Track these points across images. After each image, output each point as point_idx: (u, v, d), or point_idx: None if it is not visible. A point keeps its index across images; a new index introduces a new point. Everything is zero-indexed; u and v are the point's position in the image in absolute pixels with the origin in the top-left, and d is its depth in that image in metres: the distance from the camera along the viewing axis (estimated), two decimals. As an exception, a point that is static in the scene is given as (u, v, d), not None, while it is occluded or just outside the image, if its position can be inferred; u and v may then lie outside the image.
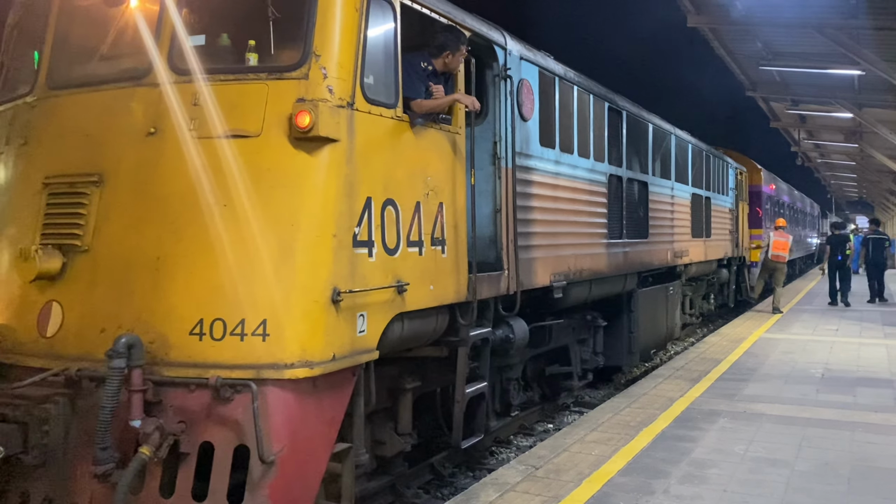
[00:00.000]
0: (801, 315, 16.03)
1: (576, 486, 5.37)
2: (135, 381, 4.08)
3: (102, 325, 4.40)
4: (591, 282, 8.25)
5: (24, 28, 5.58)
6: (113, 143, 4.64)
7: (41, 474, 4.36)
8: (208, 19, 4.93)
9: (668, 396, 8.14)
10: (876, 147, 26.08)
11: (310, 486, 4.36)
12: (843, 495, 5.23)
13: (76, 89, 4.95)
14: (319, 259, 4.32)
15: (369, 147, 4.70)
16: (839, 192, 58.55)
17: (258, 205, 4.33)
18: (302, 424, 4.27)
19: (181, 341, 4.23)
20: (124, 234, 4.48)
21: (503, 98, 6.34)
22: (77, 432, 4.33)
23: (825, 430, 6.88)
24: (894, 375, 9.39)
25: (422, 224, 5.17)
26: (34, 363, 4.50)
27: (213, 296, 4.26)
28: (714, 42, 15.98)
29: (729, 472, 5.70)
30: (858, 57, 13.92)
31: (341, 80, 4.50)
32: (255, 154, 4.39)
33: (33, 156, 4.96)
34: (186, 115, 4.48)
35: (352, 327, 4.50)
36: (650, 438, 6.55)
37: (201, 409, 4.15)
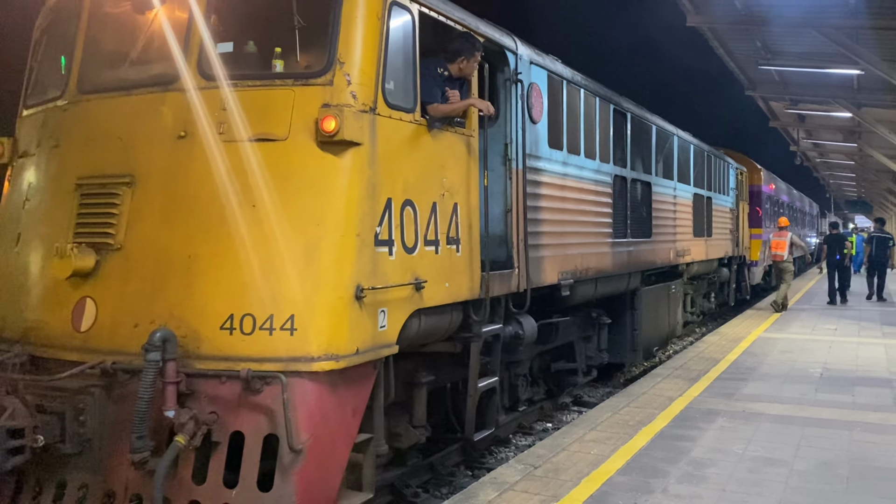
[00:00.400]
0: (799, 314, 16.17)
1: (574, 486, 5.41)
2: (169, 374, 4.30)
3: (136, 321, 4.62)
4: (597, 280, 8.51)
5: (52, 33, 5.80)
6: (144, 145, 4.86)
7: (77, 462, 4.59)
8: (236, 27, 5.16)
9: (666, 396, 8.20)
10: (875, 147, 26.27)
11: (334, 474, 4.60)
12: (842, 494, 5.27)
13: (106, 94, 5.17)
14: (344, 257, 4.55)
15: (390, 150, 4.93)
16: (838, 192, 58.85)
17: (286, 205, 4.56)
18: (327, 415, 4.50)
19: (212, 335, 4.46)
20: (156, 234, 4.71)
21: (514, 101, 6.58)
22: (112, 422, 4.56)
23: (824, 429, 6.92)
24: (893, 375, 9.45)
25: (438, 224, 5.41)
26: (68, 357, 4.71)
27: (243, 292, 4.48)
28: (713, 41, 16.11)
29: (727, 471, 5.74)
30: (857, 56, 14.05)
31: (364, 85, 4.73)
32: (283, 157, 4.62)
33: (65, 157, 5.19)
34: (216, 119, 4.71)
35: (374, 322, 4.74)
36: (649, 438, 6.60)
37: (232, 400, 4.37)
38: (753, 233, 20.16)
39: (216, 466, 4.36)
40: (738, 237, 17.90)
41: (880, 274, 19.32)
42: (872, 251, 19.30)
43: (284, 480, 4.30)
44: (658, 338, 11.55)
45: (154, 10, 5.06)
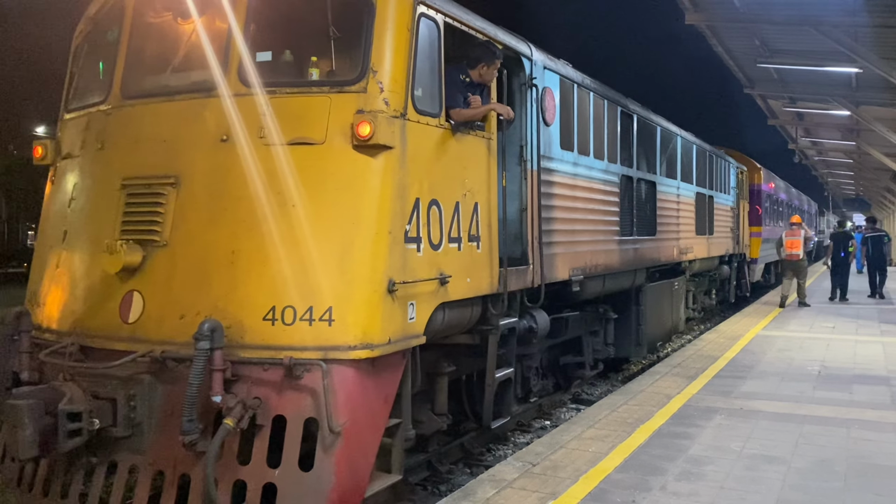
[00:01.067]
0: (798, 312, 16.36)
1: (573, 483, 5.46)
2: (216, 361, 4.65)
3: (182, 312, 4.99)
4: (605, 276, 8.91)
5: (93, 41, 6.16)
6: (188, 148, 5.22)
7: (127, 445, 4.95)
8: (273, 37, 5.53)
9: (665, 393, 8.26)
10: (873, 145, 26.46)
11: (369, 456, 4.97)
12: (840, 492, 5.31)
13: (149, 99, 5.53)
14: (378, 253, 4.92)
15: (418, 153, 5.31)
16: (836, 190, 59.36)
17: (323, 205, 4.94)
18: (362, 400, 4.88)
19: (256, 326, 4.82)
20: (201, 231, 5.07)
21: (529, 105, 6.96)
22: (160, 407, 4.93)
23: (822, 427, 6.97)
24: (890, 373, 9.51)
25: (460, 222, 5.79)
26: (117, 346, 5.07)
27: (284, 286, 4.84)
28: (712, 39, 16.27)
29: (726, 468, 5.78)
30: (856, 54, 14.14)
31: (395, 92, 5.11)
32: (320, 159, 4.99)
33: (110, 159, 5.55)
34: (257, 124, 5.07)
35: (404, 315, 5.11)
36: (647, 435, 6.65)
37: (274, 385, 4.74)
38: (753, 231, 20.65)
39: (260, 448, 4.72)
40: (738, 235, 18.37)
41: (880, 272, 19.72)
42: (869, 251, 19.72)
43: (324, 460, 4.67)
44: (662, 333, 11.96)
45: (195, 20, 5.42)
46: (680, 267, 12.98)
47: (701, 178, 14.37)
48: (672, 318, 12.45)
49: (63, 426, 4.67)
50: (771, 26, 14.85)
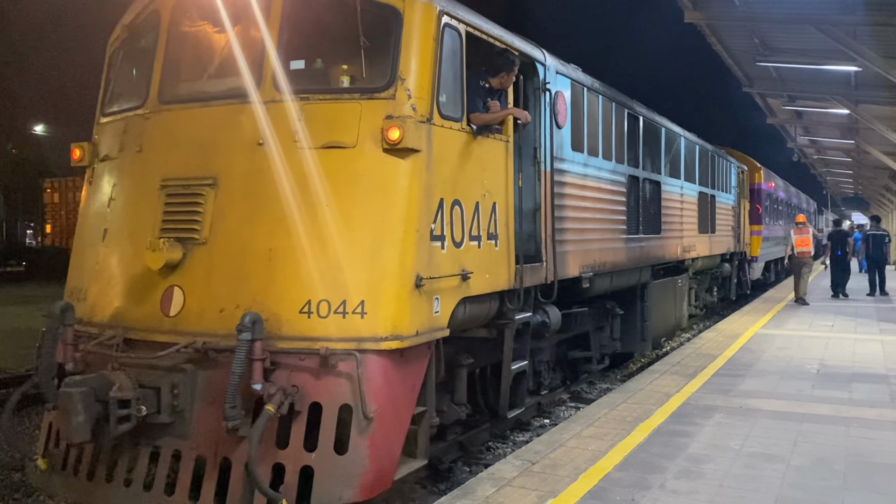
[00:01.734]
0: (797, 311, 16.49)
1: (572, 481, 5.51)
2: (257, 352, 5.01)
3: (221, 306, 5.34)
4: (612, 273, 9.28)
5: (128, 48, 6.51)
6: (225, 151, 5.57)
7: (171, 431, 5.31)
8: (306, 46, 5.88)
9: (664, 392, 8.32)
10: (872, 143, 26.55)
11: (398, 441, 5.33)
12: (839, 490, 5.35)
13: (186, 104, 5.89)
14: (406, 250, 5.28)
15: (442, 155, 5.66)
16: (835, 189, 59.77)
17: (355, 205, 5.29)
18: (392, 388, 5.24)
19: (292, 319, 5.17)
20: (238, 229, 5.42)
21: (543, 108, 7.33)
22: (201, 396, 5.28)
23: (821, 425, 7.02)
24: (889, 371, 9.57)
25: (480, 221, 6.15)
26: (159, 338, 5.43)
27: (319, 281, 5.19)
28: (711, 38, 16.36)
29: (725, 467, 5.83)
30: (855, 53, 14.22)
31: (422, 99, 5.46)
32: (352, 162, 5.34)
33: (149, 161, 5.90)
34: (291, 128, 5.43)
35: (430, 308, 5.47)
36: (646, 434, 6.70)
37: (311, 374, 5.09)
38: (754, 229, 21.11)
39: (298, 432, 5.08)
40: (739, 233, 18.81)
41: (880, 270, 20.08)
42: (870, 249, 20.07)
43: (358, 445, 5.03)
44: (666, 329, 12.36)
45: (230, 29, 5.77)
46: (683, 265, 13.38)
47: (703, 177, 14.78)
48: (675, 315, 12.84)
49: (114, 412, 5.03)
50: (770, 24, 14.96)
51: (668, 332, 12.73)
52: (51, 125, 42.81)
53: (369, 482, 5.05)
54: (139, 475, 5.39)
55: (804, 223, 18.19)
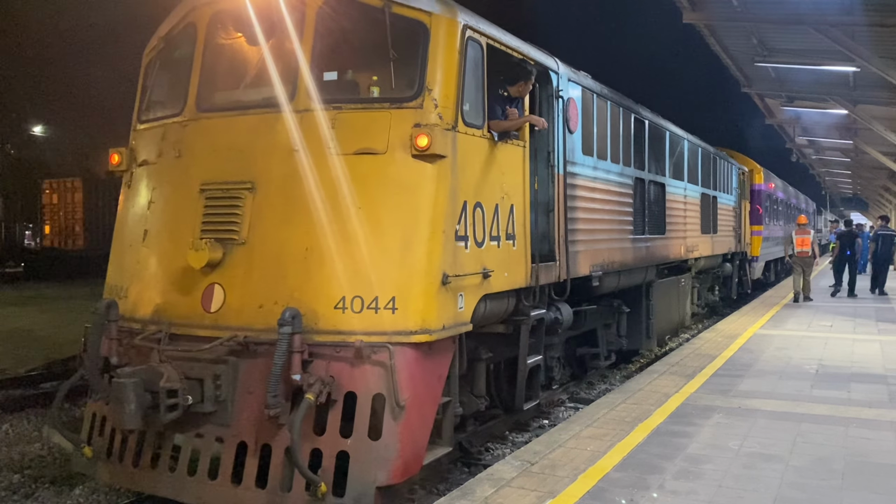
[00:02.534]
0: (796, 311, 16.61)
1: (571, 482, 5.57)
2: (296, 344, 5.43)
3: (260, 302, 5.75)
4: (620, 273, 9.72)
5: (164, 58, 6.92)
6: (262, 157, 5.98)
7: (213, 419, 5.72)
8: (338, 58, 6.30)
9: (663, 392, 8.40)
10: (870, 143, 26.70)
11: (426, 428, 5.76)
12: (837, 490, 5.40)
13: (224, 113, 6.30)
14: (434, 250, 5.70)
15: (466, 160, 6.09)
16: (834, 189, 60.28)
17: (386, 207, 5.71)
18: (421, 379, 5.66)
19: (328, 314, 5.59)
20: (276, 230, 5.84)
21: (556, 114, 7.76)
22: (242, 386, 5.70)
23: (819, 425, 7.08)
24: (888, 371, 9.65)
25: (499, 222, 6.58)
26: (200, 333, 5.84)
27: (353, 278, 5.61)
28: (709, 38, 16.54)
29: (724, 467, 5.89)
30: (853, 53, 14.31)
31: (447, 108, 5.88)
32: (383, 167, 5.76)
33: (188, 166, 6.31)
34: (325, 136, 5.85)
35: (455, 304, 5.89)
36: (645, 434, 6.77)
37: (346, 366, 5.50)
38: (754, 230, 21.63)
39: (334, 420, 5.49)
40: (740, 234, 19.33)
41: (884, 270, 20.43)
42: (878, 248, 20.33)
43: (391, 431, 5.44)
44: (670, 327, 12.82)
45: (265, 42, 6.19)
46: (686, 264, 13.85)
47: (706, 179, 15.26)
48: (679, 313, 13.30)
49: (164, 402, 5.44)
50: (768, 25, 15.09)
51: (672, 329, 13.20)
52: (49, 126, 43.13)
53: (401, 466, 5.47)
54: (183, 461, 5.80)
55: (805, 224, 18.86)
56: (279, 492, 5.45)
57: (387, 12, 5.86)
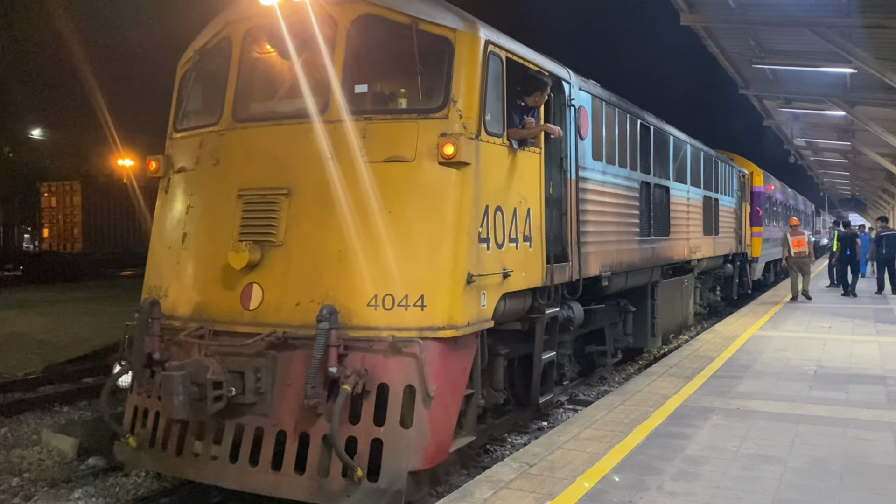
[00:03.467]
0: (794, 312, 16.76)
1: (570, 483, 5.63)
2: (333, 339, 5.90)
3: (297, 300, 6.22)
4: (627, 273, 10.22)
5: (200, 71, 7.39)
6: (298, 164, 6.45)
7: (253, 410, 6.18)
8: (368, 72, 6.78)
9: (661, 394, 8.50)
10: (868, 145, 26.94)
11: (452, 418, 6.23)
12: (835, 491, 5.46)
13: (260, 123, 6.77)
14: (459, 251, 6.17)
15: (487, 167, 6.56)
16: (832, 190, 60.79)
17: (415, 211, 6.18)
18: (448, 371, 6.13)
19: (361, 311, 6.06)
20: (311, 233, 6.30)
21: (568, 122, 8.26)
22: (280, 378, 6.16)
23: (818, 426, 7.17)
24: (886, 372, 9.74)
25: (518, 224, 7.06)
26: (239, 329, 6.31)
27: (384, 278, 6.07)
28: (707, 40, 16.65)
29: (722, 468, 5.95)
30: (850, 55, 14.44)
31: (471, 118, 6.36)
32: (411, 174, 6.24)
33: (226, 173, 6.77)
34: (357, 144, 6.32)
35: (478, 302, 6.37)
36: (644, 435, 6.85)
37: (379, 359, 5.97)
38: (755, 231, 22.22)
39: (368, 409, 5.96)
40: (741, 235, 19.92)
41: (890, 270, 20.88)
42: (883, 249, 20.63)
43: (421, 419, 5.91)
44: (674, 326, 13.33)
45: (299, 57, 6.66)
46: (689, 265, 14.38)
47: (707, 182, 15.81)
48: (683, 313, 13.82)
49: (210, 393, 5.91)
50: (766, 27, 15.25)
51: (676, 328, 13.71)
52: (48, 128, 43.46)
53: (431, 452, 5.95)
54: (225, 449, 6.27)
55: (798, 226, 19.75)
56: (317, 477, 5.91)
57: (414, 29, 6.35)
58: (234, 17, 7.10)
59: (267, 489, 6.09)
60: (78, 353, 14.02)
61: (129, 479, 7.70)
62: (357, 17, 6.50)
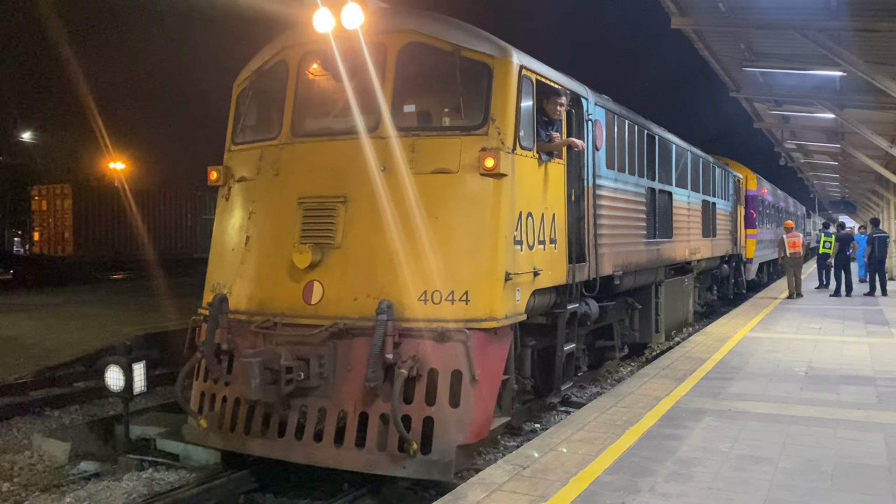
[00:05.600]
0: (785, 314, 17.13)
1: (563, 485, 5.74)
2: (390, 330, 6.88)
3: (355, 296, 7.19)
4: (636, 272, 11.27)
5: (256, 89, 8.36)
6: (353, 175, 7.42)
7: (317, 393, 7.15)
8: (416, 93, 7.78)
9: (653, 395, 8.70)
10: (857, 147, 27.31)
11: (492, 399, 7.22)
12: (826, 492, 5.56)
13: (317, 138, 7.75)
14: (499, 252, 7.16)
15: (521, 177, 7.56)
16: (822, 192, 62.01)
17: (459, 217, 7.17)
18: (489, 358, 7.12)
19: (412, 305, 7.03)
20: (366, 237, 7.27)
21: (586, 135, 9.29)
22: (341, 364, 7.13)
23: (809, 427, 7.32)
24: (877, 373, 9.94)
25: (545, 228, 8.06)
26: (303, 322, 7.27)
27: (432, 275, 7.04)
28: (698, 44, 16.96)
29: (714, 469, 6.07)
30: (839, 58, 14.76)
31: (507, 134, 7.36)
32: (455, 184, 7.22)
33: (287, 182, 7.73)
34: (407, 157, 7.30)
35: (513, 298, 7.37)
36: (636, 437, 7.02)
37: (428, 347, 6.95)
38: (749, 233, 23.47)
39: (420, 391, 6.92)
40: (736, 237, 21.14)
41: (881, 271, 21.83)
42: (875, 250, 21.45)
43: (468, 399, 6.89)
44: (676, 323, 14.41)
45: (351, 79, 7.64)
46: (690, 265, 15.50)
47: (706, 187, 16.98)
48: (683, 310, 14.92)
49: (284, 377, 6.88)
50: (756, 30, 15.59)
51: (678, 325, 14.81)
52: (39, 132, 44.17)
53: (476, 429, 6.94)
54: (291, 427, 7.23)
55: (793, 228, 21.29)
56: (376, 451, 6.88)
57: (456, 56, 7.35)
58: (290, 42, 8.07)
59: (331, 462, 7.06)
60: (69, 357, 13.99)
61: (121, 483, 8.00)
62: (405, 45, 7.49)
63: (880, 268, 21.91)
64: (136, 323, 16.85)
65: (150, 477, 8.16)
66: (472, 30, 7.59)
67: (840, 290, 21.52)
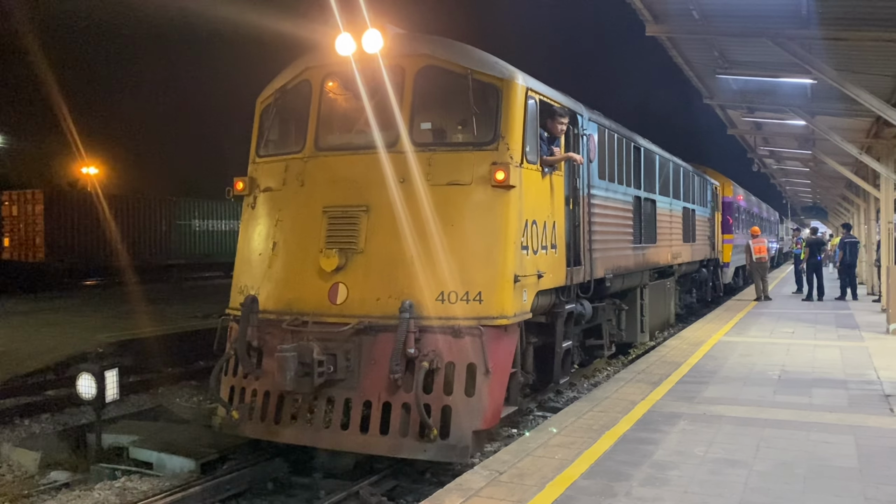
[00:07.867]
0: (758, 318, 17.57)
1: (539, 490, 5.86)
2: (411, 327, 7.74)
3: (377, 296, 8.04)
4: (624, 276, 12.27)
5: (280, 106, 9.20)
6: (374, 186, 8.27)
7: (343, 385, 7.99)
8: (431, 111, 8.69)
9: (629, 400, 8.95)
10: (828, 154, 27.95)
11: (502, 391, 8.09)
12: (800, 494, 5.70)
13: (339, 152, 8.61)
14: (508, 256, 8.07)
15: (527, 189, 8.48)
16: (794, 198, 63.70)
17: (472, 225, 8.06)
18: (500, 353, 8.01)
19: (431, 304, 7.90)
20: (387, 242, 8.13)
21: (582, 148, 10.27)
22: (367, 359, 7.99)
23: (782, 430, 7.51)
24: (848, 376, 10.28)
25: (547, 234, 9.00)
26: (328, 320, 8.10)
27: (449, 278, 7.91)
28: (672, 51, 17.29)
29: (689, 473, 6.22)
30: (810, 66, 15.13)
31: (515, 150, 8.27)
32: (468, 195, 8.11)
33: (312, 193, 8.58)
34: (424, 170, 8.19)
35: (521, 298, 8.29)
36: (612, 442, 7.18)
37: (445, 343, 7.83)
38: (725, 238, 24.72)
39: (439, 382, 7.80)
40: (713, 242, 22.33)
41: (851, 276, 22.75)
42: (846, 256, 22.35)
43: (482, 390, 7.77)
44: (659, 323, 15.46)
45: (371, 99, 8.53)
46: (671, 269, 16.58)
47: (686, 194, 18.12)
48: (666, 312, 15.99)
49: (316, 369, 7.73)
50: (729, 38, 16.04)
51: (661, 325, 15.86)
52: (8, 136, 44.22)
53: (489, 416, 7.82)
54: (318, 417, 8.08)
55: (759, 234, 22.58)
56: (398, 437, 7.73)
57: (469, 78, 8.25)
58: (313, 63, 8.93)
59: (357, 448, 7.92)
60: (40, 364, 14.06)
61: (93, 493, 8.18)
62: (422, 68, 8.39)
63: (851, 272, 22.83)
64: (108, 329, 17.03)
65: (122, 486, 8.40)
66: (482, 54, 8.52)
67: (812, 294, 22.43)
